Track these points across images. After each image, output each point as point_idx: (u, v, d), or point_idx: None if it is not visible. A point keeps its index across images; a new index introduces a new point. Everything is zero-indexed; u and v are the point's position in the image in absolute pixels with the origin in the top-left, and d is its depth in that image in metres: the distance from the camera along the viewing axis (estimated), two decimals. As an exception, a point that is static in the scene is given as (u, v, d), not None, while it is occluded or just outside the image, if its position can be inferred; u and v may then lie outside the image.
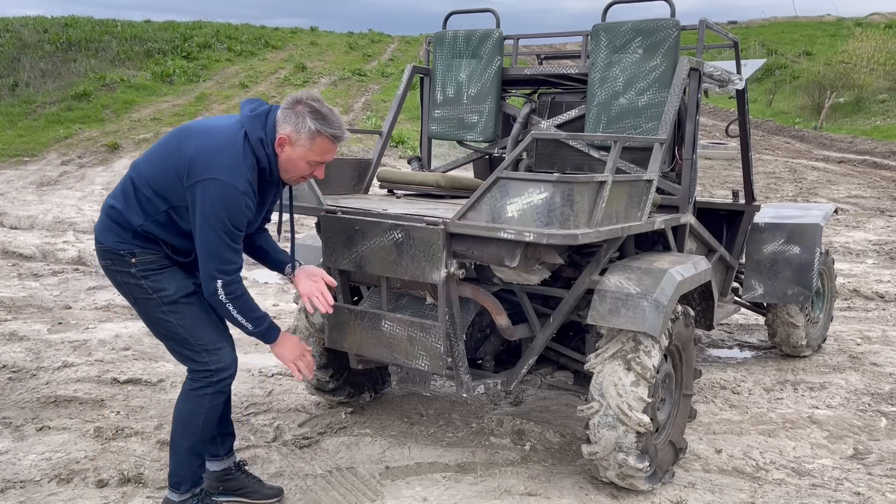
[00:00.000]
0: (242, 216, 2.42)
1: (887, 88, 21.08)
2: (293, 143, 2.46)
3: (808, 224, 4.48)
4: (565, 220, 2.55)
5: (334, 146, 2.52)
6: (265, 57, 22.84)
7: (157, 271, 2.55)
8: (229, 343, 2.66)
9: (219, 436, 2.87)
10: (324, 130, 2.45)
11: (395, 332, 3.04)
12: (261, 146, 2.46)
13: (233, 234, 2.41)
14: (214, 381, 2.60)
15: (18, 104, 16.73)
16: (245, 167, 2.41)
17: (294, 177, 2.56)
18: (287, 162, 2.50)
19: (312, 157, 2.49)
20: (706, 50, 3.72)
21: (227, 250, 2.42)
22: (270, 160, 2.48)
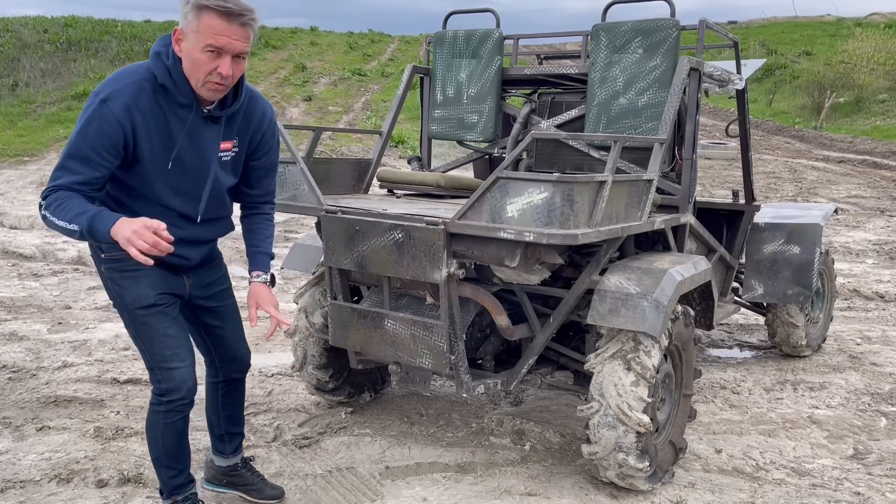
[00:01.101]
0: (95, 131, 2.09)
1: (887, 88, 21.08)
2: (185, 34, 2.13)
3: (808, 224, 4.48)
4: (565, 220, 2.55)
5: (231, 26, 2.10)
6: (265, 57, 22.83)
7: (122, 273, 2.34)
8: (185, 362, 2.44)
9: (226, 434, 2.87)
10: (208, 3, 2.08)
11: (398, 330, 3.05)
12: (157, 60, 2.17)
13: (80, 147, 2.10)
14: (165, 401, 2.46)
15: (18, 104, 16.73)
16: (124, 80, 2.14)
17: (199, 78, 2.16)
18: (186, 61, 2.15)
19: (204, 41, 2.10)
20: (706, 50, 3.72)
21: (65, 162, 2.11)
22: (172, 72, 2.16)
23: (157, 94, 2.18)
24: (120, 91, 2.12)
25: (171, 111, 2.21)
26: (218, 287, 2.65)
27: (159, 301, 2.39)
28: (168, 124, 2.21)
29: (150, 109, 2.17)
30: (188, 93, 2.20)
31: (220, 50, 2.13)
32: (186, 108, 2.23)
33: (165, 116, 2.20)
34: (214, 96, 2.24)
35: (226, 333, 2.70)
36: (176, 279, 2.46)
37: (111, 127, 2.11)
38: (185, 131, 2.25)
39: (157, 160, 2.23)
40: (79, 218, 2.06)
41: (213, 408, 2.86)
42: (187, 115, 2.24)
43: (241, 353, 2.76)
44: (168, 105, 2.20)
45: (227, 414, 2.86)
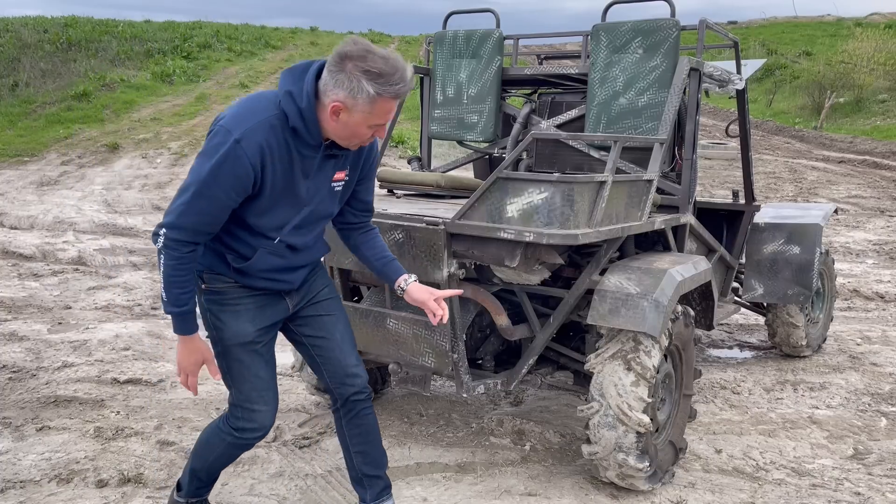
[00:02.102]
0: (228, 173, 2.06)
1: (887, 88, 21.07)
2: (350, 110, 2.09)
3: (808, 224, 4.48)
4: (565, 220, 2.55)
5: (396, 102, 2.15)
6: (265, 57, 22.84)
7: (222, 306, 2.30)
8: (269, 405, 2.41)
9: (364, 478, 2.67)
10: (385, 92, 2.07)
11: (400, 330, 3.05)
12: (290, 100, 2.11)
13: (211, 187, 2.06)
14: (237, 435, 2.42)
15: (18, 104, 16.73)
16: (256, 118, 2.10)
17: (353, 143, 2.22)
18: (344, 129, 2.15)
19: (374, 121, 2.14)
20: (706, 50, 3.72)
21: (191, 206, 2.07)
22: (304, 115, 2.11)
23: (286, 132, 2.14)
24: (253, 130, 2.08)
25: (297, 150, 2.18)
26: (322, 297, 2.54)
27: (258, 339, 2.35)
28: (291, 161, 2.18)
29: (277, 147, 2.13)
30: (317, 136, 2.18)
31: (384, 124, 2.19)
32: (311, 149, 2.21)
33: (290, 154, 2.17)
34: (355, 148, 2.27)
35: (332, 345, 2.53)
36: (279, 304, 2.41)
37: (244, 168, 2.07)
38: (304, 170, 2.22)
39: (275, 195, 2.20)
40: (178, 300, 2.15)
41: (342, 443, 2.65)
42: (312, 154, 2.21)
43: (350, 367, 2.53)
44: (294, 143, 2.17)
45: (358, 451, 2.61)
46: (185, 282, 2.15)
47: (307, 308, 2.51)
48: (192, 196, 2.07)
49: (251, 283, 2.31)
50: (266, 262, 2.27)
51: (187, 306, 2.17)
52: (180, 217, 2.08)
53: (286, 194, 2.21)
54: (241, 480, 3.08)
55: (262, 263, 2.27)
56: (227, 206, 2.12)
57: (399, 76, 2.10)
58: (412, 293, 2.45)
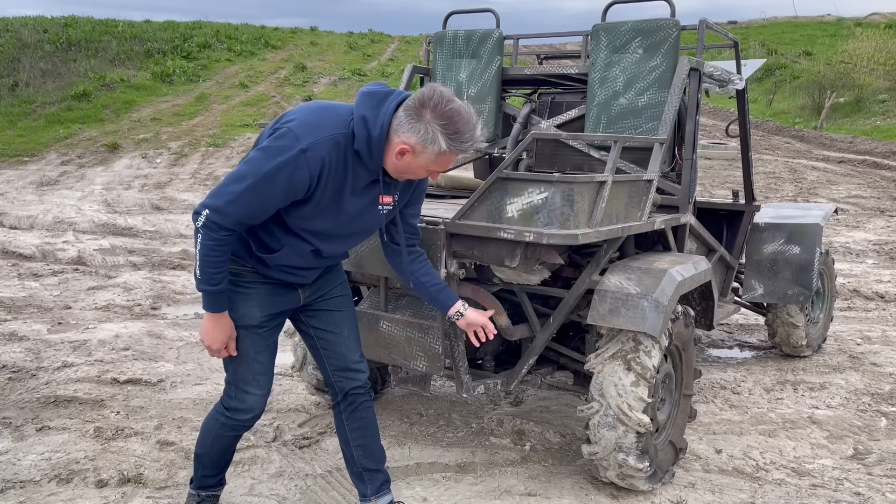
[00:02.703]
0: (286, 176, 2.09)
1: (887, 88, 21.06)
2: (416, 155, 2.17)
3: (808, 224, 4.48)
4: (565, 220, 2.55)
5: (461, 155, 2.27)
6: (265, 57, 22.85)
7: (235, 287, 2.35)
8: (262, 390, 2.47)
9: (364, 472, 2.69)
10: (455, 148, 2.17)
11: (392, 332, 3.04)
12: (363, 125, 2.16)
13: (261, 187, 2.10)
14: (228, 415, 2.49)
15: (18, 104, 16.74)
16: (326, 133, 2.14)
17: (405, 177, 2.30)
18: (404, 168, 2.23)
19: (434, 168, 2.24)
20: (706, 50, 3.72)
21: (240, 199, 2.11)
22: (372, 143, 2.17)
23: (349, 151, 2.19)
24: (320, 144, 2.12)
25: (353, 169, 2.22)
26: (335, 294, 2.58)
27: (263, 324, 2.40)
28: (345, 178, 2.23)
29: (336, 163, 2.18)
30: (377, 165, 2.23)
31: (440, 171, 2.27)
32: (367, 172, 2.25)
33: (346, 171, 2.22)
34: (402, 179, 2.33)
35: (339, 340, 2.57)
36: (290, 294, 2.45)
37: (302, 177, 2.12)
38: (355, 188, 2.26)
39: (321, 205, 2.24)
40: (211, 279, 2.20)
41: (342, 439, 2.69)
42: (367, 176, 2.26)
43: (352, 363, 2.59)
44: (353, 164, 2.21)
45: (358, 445, 2.65)
46: (220, 262, 2.21)
47: (319, 302, 2.55)
48: (245, 188, 2.11)
49: (267, 273, 2.36)
50: (289, 259, 2.32)
51: (220, 285, 2.24)
52: (229, 204, 2.12)
53: (331, 207, 2.25)
54: (241, 480, 3.08)
55: (284, 259, 2.32)
56: (275, 207, 2.18)
57: (470, 135, 2.17)
58: (469, 318, 2.61)
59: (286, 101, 17.80)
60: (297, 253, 2.32)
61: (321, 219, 2.27)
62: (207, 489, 2.68)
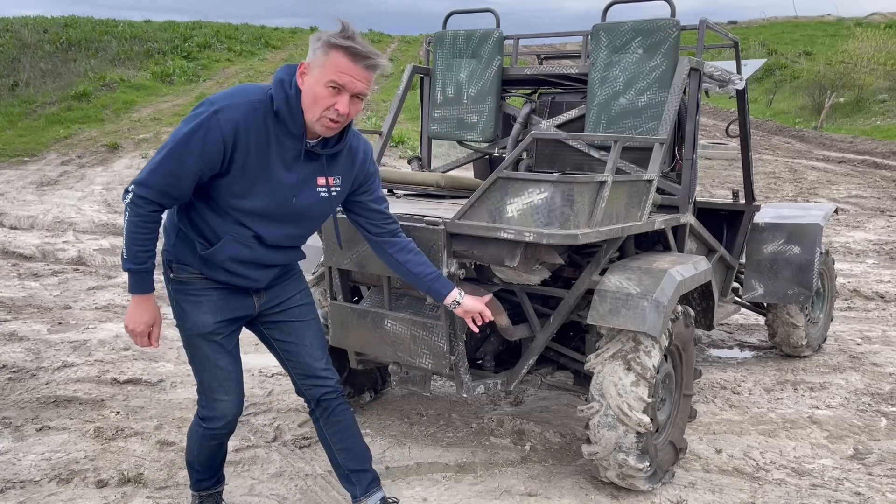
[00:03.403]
0: (199, 138, 2.09)
1: (887, 88, 21.06)
2: (310, 68, 2.15)
3: (808, 224, 4.48)
4: (565, 220, 2.55)
5: (356, 67, 2.12)
6: (265, 57, 22.84)
7: (186, 296, 2.35)
8: (230, 395, 2.45)
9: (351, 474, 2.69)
10: (338, 42, 2.10)
11: (398, 330, 3.05)
12: (279, 86, 2.18)
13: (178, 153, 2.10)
14: (204, 426, 2.49)
15: (18, 104, 16.73)
16: (242, 98, 2.15)
17: (316, 113, 2.17)
18: (307, 94, 2.16)
19: (328, 76, 2.12)
20: (706, 50, 3.72)
21: (161, 166, 2.11)
22: (290, 101, 2.17)
23: (269, 118, 2.18)
24: (233, 107, 2.13)
25: (276, 138, 2.20)
26: (294, 303, 2.55)
27: (217, 330, 2.38)
28: (269, 149, 2.20)
29: (255, 131, 2.17)
30: (300, 124, 2.21)
31: (342, 88, 2.14)
32: (293, 139, 2.23)
33: (268, 141, 2.20)
34: (327, 133, 2.24)
35: (301, 350, 2.55)
36: (243, 300, 2.42)
37: (214, 139, 2.11)
38: (284, 160, 2.24)
39: (246, 179, 2.21)
40: (136, 257, 2.18)
41: (324, 444, 2.68)
42: (291, 145, 2.23)
43: (318, 371, 2.57)
44: (275, 131, 2.20)
45: (340, 448, 2.65)
46: (146, 240, 2.18)
47: (278, 313, 2.53)
48: (163, 156, 2.12)
49: (214, 276, 2.32)
50: (231, 250, 2.27)
51: (146, 265, 2.21)
52: (150, 175, 2.13)
53: (260, 180, 2.22)
54: (241, 480, 3.08)
55: (227, 251, 2.27)
56: (193, 173, 2.14)
57: (357, 38, 2.12)
58: (467, 306, 2.56)
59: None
60: (239, 241, 2.27)
61: (253, 197, 2.22)
62: (206, 490, 2.70)
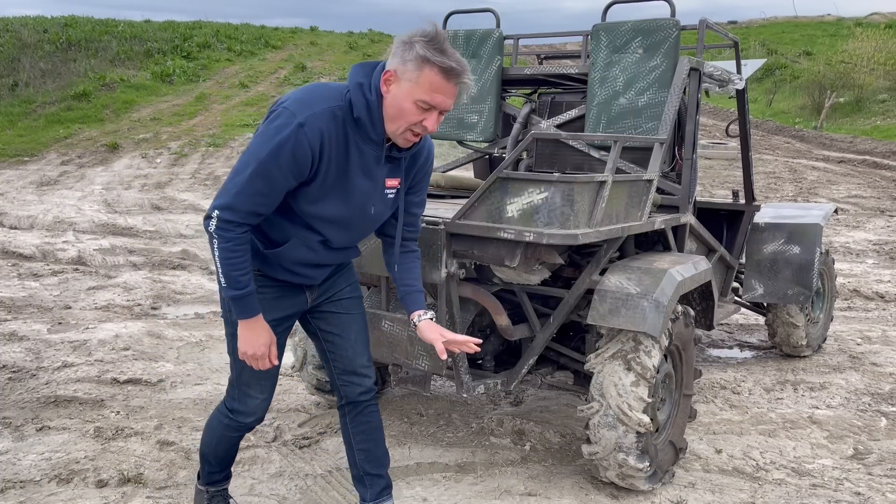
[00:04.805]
0: (288, 154, 2.02)
1: (887, 88, 21.06)
2: (399, 78, 2.05)
3: (808, 224, 4.48)
4: (565, 220, 2.55)
5: (449, 85, 2.05)
6: (265, 57, 22.85)
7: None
8: (264, 394, 2.42)
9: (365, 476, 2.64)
10: (434, 58, 2.00)
11: (395, 331, 3.04)
12: (359, 91, 2.09)
13: (266, 170, 2.02)
14: (231, 417, 2.46)
15: (18, 104, 16.74)
16: (321, 105, 2.06)
17: (401, 127, 2.11)
18: (392, 104, 2.08)
19: (419, 95, 2.04)
20: (706, 50, 3.72)
21: (247, 188, 2.03)
22: (371, 108, 2.09)
23: (348, 124, 2.11)
24: (317, 116, 2.05)
25: (355, 144, 2.14)
26: (344, 295, 2.51)
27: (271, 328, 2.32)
28: (348, 155, 2.14)
29: (336, 137, 2.10)
30: (381, 132, 2.14)
31: (433, 107, 2.08)
32: (373, 145, 2.16)
33: (348, 147, 2.13)
34: (407, 144, 2.18)
35: (345, 343, 2.50)
36: (297, 297, 2.39)
37: (304, 152, 2.04)
38: (363, 166, 2.18)
39: (325, 187, 2.15)
40: (236, 283, 2.12)
41: (346, 441, 2.63)
42: (370, 150, 2.17)
43: (359, 367, 2.52)
44: (354, 137, 2.13)
45: (361, 448, 2.59)
46: (242, 263, 2.11)
47: (327, 303, 2.49)
48: (250, 176, 2.03)
49: (272, 273, 2.29)
50: (296, 252, 2.24)
51: (248, 287, 2.14)
52: (237, 196, 2.04)
53: (337, 186, 2.17)
54: (241, 480, 3.08)
55: (291, 253, 2.23)
56: (283, 189, 2.09)
57: (455, 57, 2.04)
58: (423, 331, 2.38)
59: (286, 101, 17.79)
60: (306, 245, 2.23)
61: (329, 202, 2.17)
62: (215, 484, 2.68)
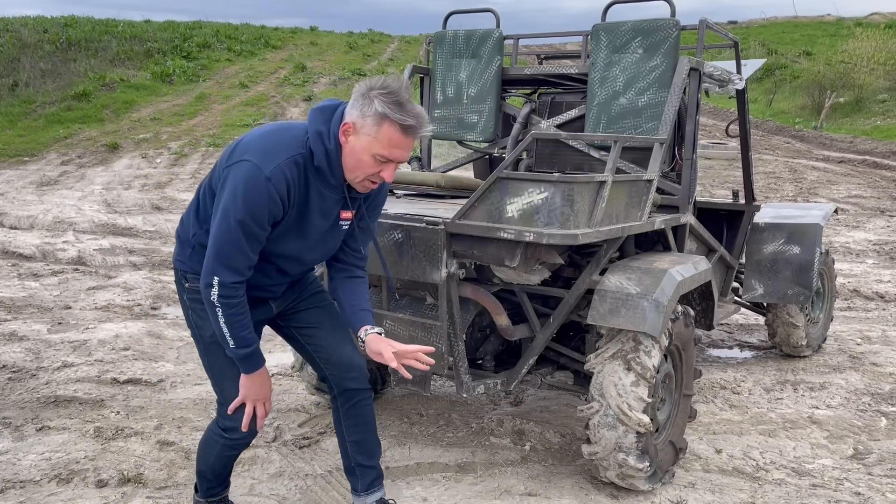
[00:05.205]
0: (263, 208, 2.09)
1: (887, 88, 21.06)
2: (357, 131, 2.12)
3: (808, 224, 4.48)
4: (565, 220, 2.55)
5: (406, 140, 2.12)
6: (265, 57, 22.86)
7: (202, 304, 2.29)
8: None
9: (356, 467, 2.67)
10: (393, 116, 2.07)
11: (396, 331, 3.04)
12: (318, 140, 2.16)
13: (248, 229, 2.10)
14: (226, 437, 2.43)
15: (18, 104, 16.74)
16: (284, 155, 2.12)
17: (358, 176, 2.19)
18: (350, 155, 2.16)
19: (378, 150, 2.12)
20: (706, 50, 3.72)
21: (234, 248, 2.11)
22: (330, 156, 2.16)
23: (309, 170, 2.19)
24: (281, 168, 2.12)
25: (316, 188, 2.22)
26: (308, 293, 2.57)
27: None
28: (308, 198, 2.22)
29: (298, 182, 2.18)
30: (340, 178, 2.23)
31: (390, 160, 2.16)
32: (332, 189, 2.24)
33: (308, 191, 2.21)
34: (365, 191, 2.27)
35: (323, 333, 2.53)
36: (261, 307, 2.44)
37: (275, 203, 2.12)
38: (321, 208, 2.26)
39: (285, 227, 2.23)
40: (244, 340, 2.21)
41: (338, 432, 2.66)
42: (330, 194, 2.25)
43: (346, 356, 2.52)
44: (314, 181, 2.21)
45: (353, 440, 2.63)
46: (246, 319, 2.21)
47: (298, 303, 2.54)
48: (234, 238, 2.12)
49: None
50: (253, 279, 2.28)
51: (255, 343, 2.24)
52: (228, 260, 2.13)
53: (296, 226, 2.25)
54: (241, 480, 3.08)
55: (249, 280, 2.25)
56: (265, 235, 2.18)
57: (414, 112, 2.10)
58: (371, 343, 2.35)
59: (286, 101, 17.81)
60: (263, 273, 2.30)
61: (286, 240, 2.26)
62: (215, 496, 2.65)
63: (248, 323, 2.22)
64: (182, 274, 2.36)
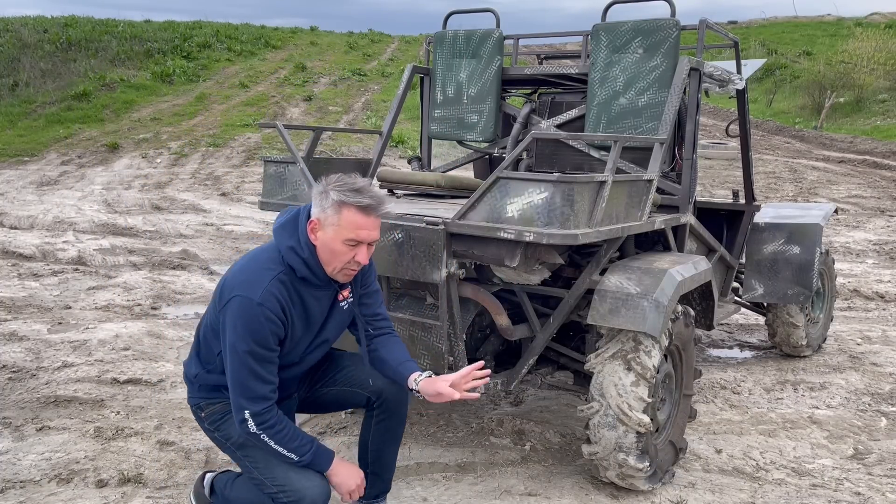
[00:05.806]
0: (265, 332, 2.19)
1: (887, 88, 21.06)
2: (323, 225, 2.23)
3: (808, 224, 4.48)
4: (565, 220, 2.55)
5: (368, 219, 2.23)
6: (265, 57, 22.85)
7: (222, 418, 2.40)
8: (314, 481, 2.33)
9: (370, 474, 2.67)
10: (349, 200, 2.18)
11: (397, 331, 3.04)
12: (293, 254, 2.26)
13: (258, 355, 2.20)
14: None
15: (18, 104, 16.74)
16: (266, 277, 2.22)
17: (336, 267, 2.27)
18: (323, 249, 2.26)
19: (345, 235, 2.21)
20: (706, 50, 3.72)
21: (251, 377, 2.20)
22: (309, 264, 2.26)
23: (296, 283, 2.29)
24: (269, 291, 2.21)
25: (309, 295, 2.32)
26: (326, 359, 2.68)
27: None
28: (307, 309, 2.33)
29: (291, 299, 2.27)
30: (324, 277, 2.32)
31: (360, 242, 2.25)
32: (322, 289, 2.35)
33: (304, 303, 2.32)
34: (347, 280, 2.36)
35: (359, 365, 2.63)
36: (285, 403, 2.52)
37: (274, 324, 2.22)
38: (321, 308, 2.38)
39: (294, 340, 2.34)
40: (303, 448, 2.29)
41: (362, 437, 2.69)
42: (323, 294, 2.37)
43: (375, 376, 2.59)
44: (305, 291, 2.31)
45: (376, 448, 2.66)
46: (294, 432, 2.30)
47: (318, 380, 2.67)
48: (249, 370, 2.21)
49: None
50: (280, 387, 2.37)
51: (313, 445, 2.33)
52: (250, 392, 2.22)
53: (306, 335, 2.38)
54: (241, 480, 3.08)
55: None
56: (276, 357, 2.29)
57: (371, 193, 2.22)
58: (427, 386, 2.37)
59: (286, 101, 17.81)
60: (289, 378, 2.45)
61: (297, 348, 2.38)
62: None
63: (295, 433, 2.30)
64: (197, 408, 2.47)
